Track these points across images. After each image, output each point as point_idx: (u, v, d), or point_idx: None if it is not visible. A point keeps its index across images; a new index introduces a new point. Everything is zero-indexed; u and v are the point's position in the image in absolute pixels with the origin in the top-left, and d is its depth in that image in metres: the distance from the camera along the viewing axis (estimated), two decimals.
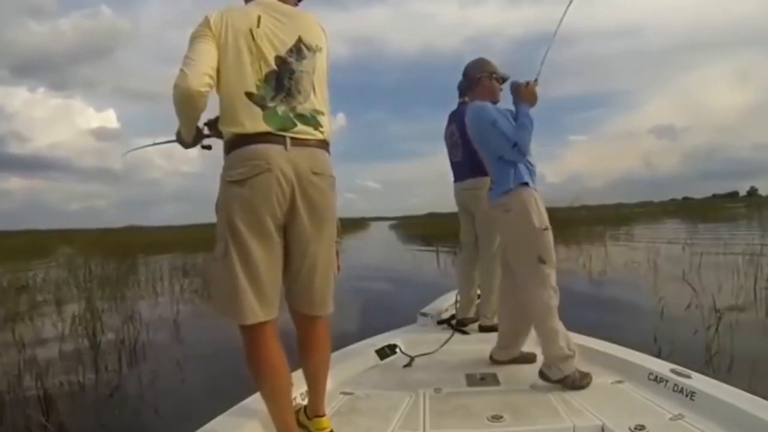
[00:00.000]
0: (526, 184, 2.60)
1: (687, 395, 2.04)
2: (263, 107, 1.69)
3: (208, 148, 1.99)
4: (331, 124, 1.87)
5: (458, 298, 3.56)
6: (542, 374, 2.44)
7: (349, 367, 2.68)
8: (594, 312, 5.66)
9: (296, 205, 1.70)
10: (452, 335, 3.22)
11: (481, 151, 2.83)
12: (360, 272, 10.81)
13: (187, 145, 1.98)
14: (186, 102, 1.65)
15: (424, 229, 25.82)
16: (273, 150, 1.67)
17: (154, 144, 2.29)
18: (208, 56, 1.65)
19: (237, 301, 1.65)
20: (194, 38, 1.68)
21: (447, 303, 3.77)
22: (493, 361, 2.78)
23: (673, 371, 2.20)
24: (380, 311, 6.60)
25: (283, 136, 1.69)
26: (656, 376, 2.23)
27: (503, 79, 2.91)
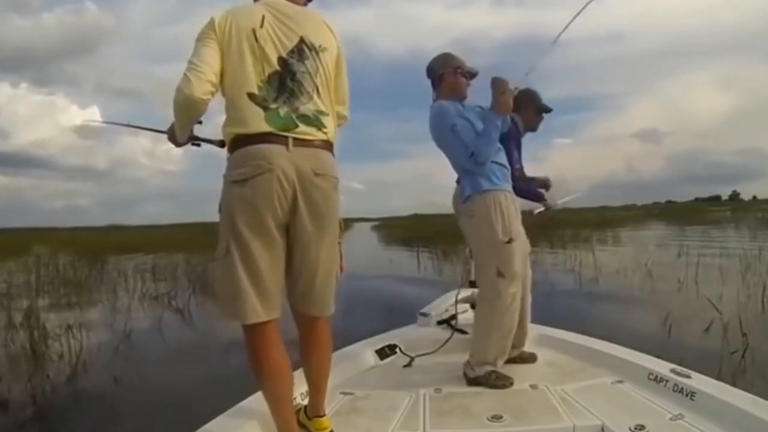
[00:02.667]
0: (489, 190, 2.51)
1: (687, 395, 2.04)
2: (265, 108, 1.71)
3: (197, 145, 2.05)
4: (335, 125, 1.89)
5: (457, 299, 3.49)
6: (464, 372, 2.52)
7: (349, 367, 2.68)
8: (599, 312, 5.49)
9: (298, 205, 1.71)
10: (452, 335, 3.19)
11: (445, 155, 2.70)
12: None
13: (177, 144, 1.99)
14: (188, 108, 1.69)
15: (407, 231, 25.50)
16: (275, 150, 1.68)
17: (138, 127, 2.38)
18: (211, 61, 1.67)
19: (239, 301, 1.66)
20: (199, 41, 1.71)
21: (447, 303, 3.74)
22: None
23: (673, 371, 2.20)
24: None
25: (285, 137, 1.71)
26: (656, 376, 2.23)
27: (471, 75, 2.72)
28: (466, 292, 3.63)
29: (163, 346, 5.56)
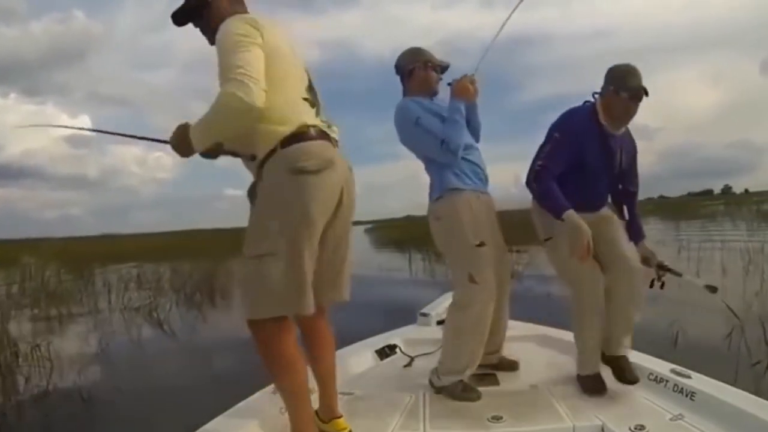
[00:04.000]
0: (458, 189, 2.41)
1: (687, 395, 2.03)
2: (316, 112, 1.81)
3: (215, 157, 1.89)
4: None
5: None
6: (430, 380, 2.45)
7: (349, 367, 2.68)
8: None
9: (342, 199, 1.79)
10: None
11: (415, 153, 2.60)
12: None
13: (188, 154, 1.79)
14: (243, 117, 1.60)
15: (400, 233, 24.78)
16: (331, 147, 1.77)
17: (134, 137, 2.17)
18: (261, 68, 1.61)
19: (303, 292, 1.66)
20: (242, 45, 1.61)
21: (447, 303, 3.57)
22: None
23: (673, 371, 2.20)
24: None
25: (332, 137, 1.81)
26: (656, 376, 2.23)
27: (442, 68, 2.61)
28: None
29: (139, 359, 5.41)
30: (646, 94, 2.27)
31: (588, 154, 2.33)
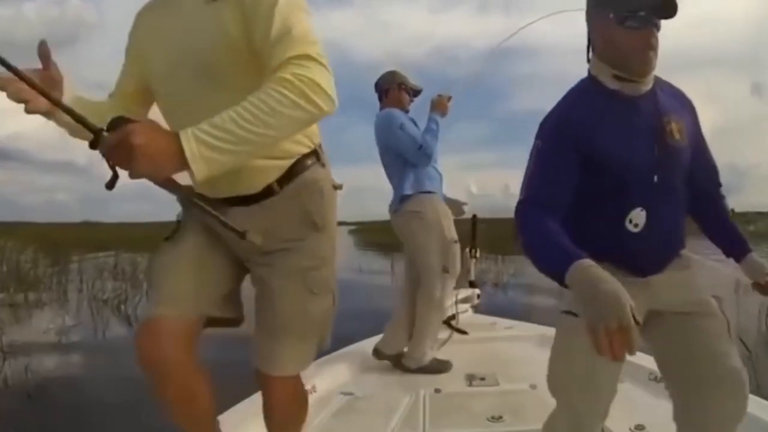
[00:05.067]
0: (431, 192, 2.76)
1: None
2: None
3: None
4: None
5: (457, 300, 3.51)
6: (401, 364, 2.71)
7: (349, 367, 2.67)
8: None
9: None
10: (451, 335, 3.19)
11: (384, 157, 2.89)
12: None
13: (165, 176, 0.99)
14: (312, 122, 1.08)
15: (384, 235, 24.57)
16: None
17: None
18: None
19: None
20: (310, 27, 1.08)
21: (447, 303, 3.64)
22: (380, 355, 2.80)
23: None
24: None
25: None
26: (656, 376, 2.20)
27: (415, 92, 3.01)
28: (465, 293, 3.67)
29: (95, 353, 5.25)
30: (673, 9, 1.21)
31: (607, 154, 1.24)
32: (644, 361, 2.37)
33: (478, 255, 3.98)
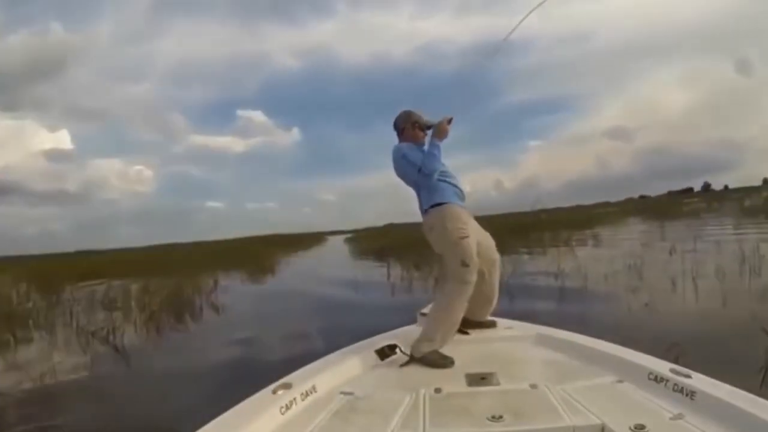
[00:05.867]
0: (442, 203, 3.10)
1: (687, 395, 2.04)
2: None
3: None
4: None
5: None
6: (411, 353, 2.85)
7: (349, 367, 2.68)
8: None
9: None
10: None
11: (405, 182, 3.31)
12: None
13: None
14: None
15: (382, 242, 23.52)
16: None
17: None
18: None
19: None
20: None
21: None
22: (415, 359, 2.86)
23: (673, 371, 2.21)
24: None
25: None
26: (656, 376, 2.23)
27: (427, 126, 3.33)
28: None
29: (77, 395, 5.04)
30: None
31: None
32: (644, 361, 2.40)
33: None
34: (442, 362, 2.76)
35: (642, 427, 1.82)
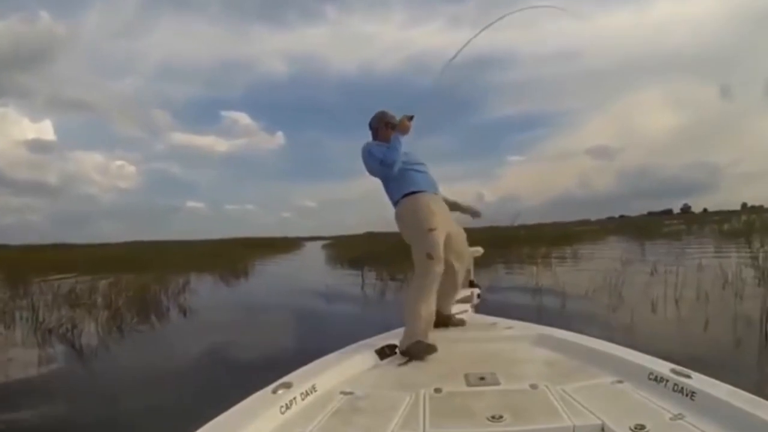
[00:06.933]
0: (412, 192, 3.19)
1: (687, 395, 2.04)
2: None
3: None
4: None
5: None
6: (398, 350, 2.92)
7: (349, 367, 2.66)
8: None
9: None
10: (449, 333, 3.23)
11: (375, 177, 3.38)
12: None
13: None
14: None
15: (359, 250, 23.72)
16: None
17: None
18: None
19: None
20: None
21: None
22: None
23: (673, 371, 2.21)
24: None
25: None
26: (656, 376, 2.23)
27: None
28: (465, 293, 3.74)
29: (31, 390, 4.91)
30: None
31: None
32: (644, 361, 2.41)
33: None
34: (428, 352, 2.84)
35: (642, 427, 1.83)
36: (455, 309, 3.65)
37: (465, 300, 3.77)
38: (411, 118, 3.30)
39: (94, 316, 8.25)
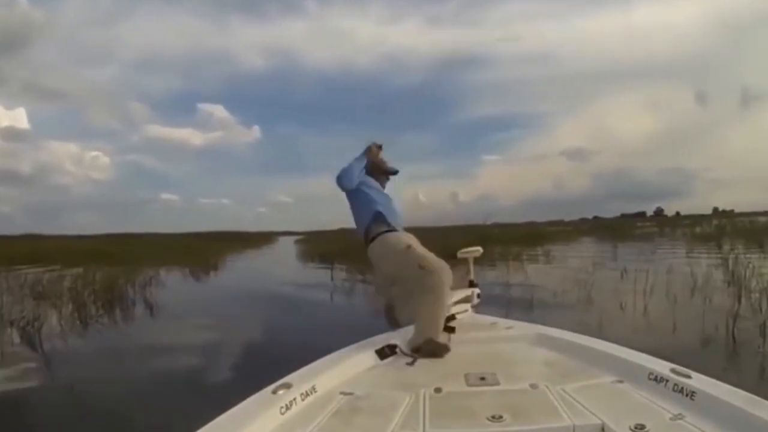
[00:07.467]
0: (382, 233, 3.30)
1: (687, 395, 2.05)
2: None
3: None
4: None
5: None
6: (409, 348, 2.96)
7: (349, 367, 2.66)
8: None
9: None
10: (452, 334, 3.23)
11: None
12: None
13: None
14: None
15: (329, 247, 23.84)
16: None
17: None
18: None
19: None
20: None
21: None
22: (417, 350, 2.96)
23: (673, 371, 2.22)
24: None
25: None
26: (656, 376, 2.24)
27: (389, 171, 3.65)
28: (465, 293, 3.75)
29: None
30: None
31: None
32: (644, 360, 2.43)
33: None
34: (439, 350, 2.88)
35: (642, 427, 1.83)
36: (455, 309, 3.66)
37: (465, 300, 3.77)
38: (380, 147, 3.50)
39: (58, 309, 8.08)
